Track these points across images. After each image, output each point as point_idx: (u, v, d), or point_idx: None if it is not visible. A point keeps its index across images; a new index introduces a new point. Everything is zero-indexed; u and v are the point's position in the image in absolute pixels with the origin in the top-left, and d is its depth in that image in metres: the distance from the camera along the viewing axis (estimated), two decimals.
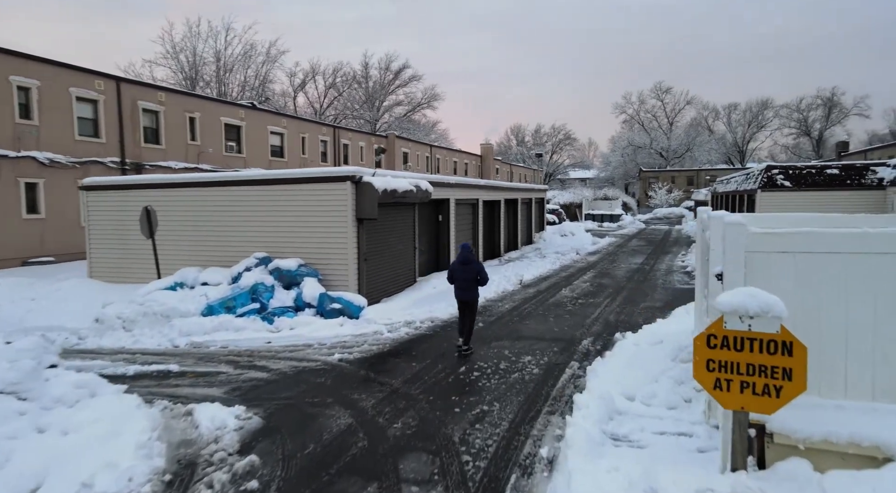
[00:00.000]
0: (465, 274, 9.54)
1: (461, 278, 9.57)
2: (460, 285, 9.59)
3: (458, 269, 9.63)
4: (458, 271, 9.62)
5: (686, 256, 23.38)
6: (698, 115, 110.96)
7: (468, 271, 9.55)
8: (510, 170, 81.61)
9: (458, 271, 9.62)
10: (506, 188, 25.53)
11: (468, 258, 9.59)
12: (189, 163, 25.60)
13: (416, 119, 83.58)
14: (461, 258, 9.63)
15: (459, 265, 9.61)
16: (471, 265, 9.56)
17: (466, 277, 9.54)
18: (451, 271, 9.78)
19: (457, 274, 9.64)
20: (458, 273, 9.61)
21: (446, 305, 13.16)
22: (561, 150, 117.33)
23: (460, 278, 9.59)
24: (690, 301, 13.01)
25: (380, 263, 13.80)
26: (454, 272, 9.68)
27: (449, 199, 18.81)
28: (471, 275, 9.52)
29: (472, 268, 9.56)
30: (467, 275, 9.54)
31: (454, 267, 9.70)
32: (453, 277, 9.70)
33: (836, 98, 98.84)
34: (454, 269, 9.69)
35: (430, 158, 54.91)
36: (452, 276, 9.72)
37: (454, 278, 9.68)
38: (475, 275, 9.53)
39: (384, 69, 76.13)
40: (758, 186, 22.26)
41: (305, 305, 11.76)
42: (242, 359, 9.30)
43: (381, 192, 12.85)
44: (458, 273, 9.61)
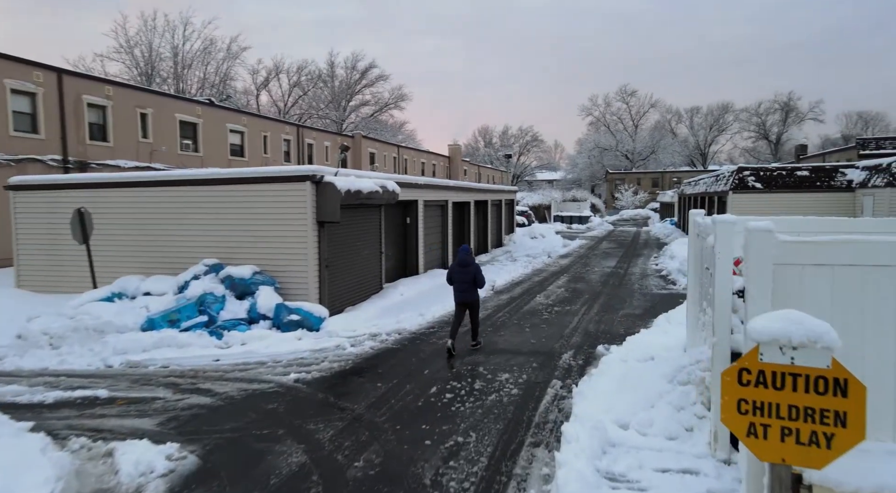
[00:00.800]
0: (464, 276, 9.60)
1: (460, 280, 9.64)
2: (460, 287, 9.66)
3: (457, 271, 9.70)
4: (457, 273, 9.69)
5: (658, 258, 23.02)
6: (662, 118, 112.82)
7: (467, 273, 9.60)
8: (478, 171, 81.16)
9: (457, 272, 9.69)
10: (476, 190, 24.78)
11: (466, 260, 9.66)
12: (140, 162, 24.05)
13: (384, 120, 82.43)
14: (460, 260, 9.72)
15: (458, 267, 9.69)
16: (469, 267, 9.62)
17: (465, 278, 9.59)
18: (450, 273, 9.90)
19: (456, 276, 9.72)
20: (457, 275, 9.67)
21: (414, 314, 12.28)
22: (528, 151, 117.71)
23: (459, 280, 9.65)
24: (671, 308, 12.44)
25: (343, 269, 12.83)
26: (453, 274, 9.78)
27: (417, 200, 17.92)
28: (469, 277, 9.59)
29: (470, 270, 9.61)
30: (466, 277, 9.60)
31: (453, 269, 9.81)
32: (452, 278, 9.78)
33: (792, 103, 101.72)
34: (453, 270, 9.79)
35: (398, 158, 53.89)
36: (451, 278, 9.81)
37: (453, 280, 9.76)
38: (473, 277, 9.59)
39: (350, 68, 74.80)
40: (729, 188, 22.04)
41: (260, 317, 10.71)
42: (184, 381, 8.22)
43: (345, 193, 11.88)
44: (457, 275, 9.67)
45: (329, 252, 12.14)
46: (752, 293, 3.86)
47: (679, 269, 17.44)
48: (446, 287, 15.84)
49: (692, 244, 7.48)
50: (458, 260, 9.80)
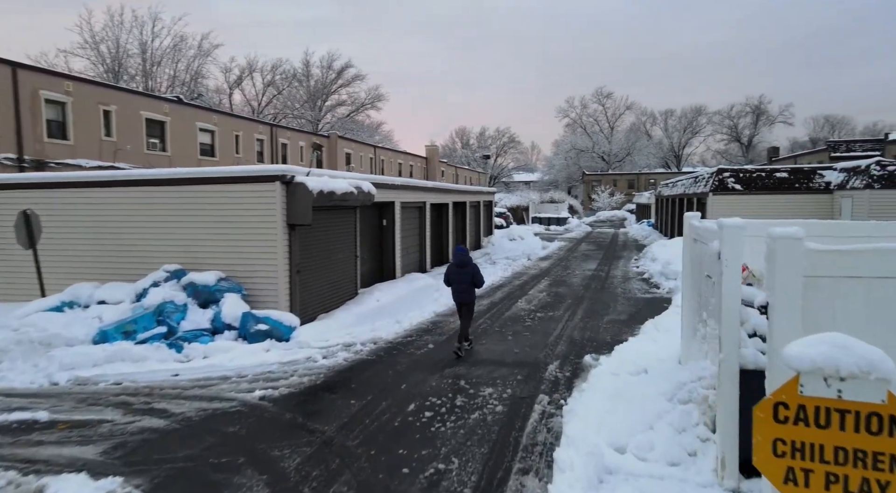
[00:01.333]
0: (462, 276, 9.54)
1: (457, 280, 9.59)
2: (457, 287, 9.61)
3: (454, 271, 9.64)
4: (454, 274, 9.63)
5: (639, 261, 22.76)
6: (637, 120, 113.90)
7: (464, 274, 9.55)
8: (455, 172, 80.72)
9: (454, 273, 9.63)
10: (454, 191, 24.24)
11: (464, 260, 9.61)
12: (103, 161, 22.95)
13: (360, 120, 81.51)
14: (457, 261, 9.66)
15: (456, 267, 9.62)
16: (467, 267, 9.56)
17: (463, 279, 9.53)
18: (447, 274, 9.80)
19: (453, 277, 9.66)
20: (455, 276, 9.61)
21: (391, 321, 11.68)
22: (505, 153, 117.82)
23: (457, 281, 9.59)
24: (656, 313, 12.06)
25: (316, 274, 12.15)
26: (451, 275, 9.70)
27: (394, 202, 17.30)
28: (467, 277, 9.53)
29: (468, 270, 9.55)
30: (464, 277, 9.54)
31: (451, 270, 9.72)
32: (450, 279, 9.71)
33: (763, 106, 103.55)
34: (451, 271, 9.71)
35: (374, 159, 53.11)
36: (449, 278, 9.73)
37: (450, 280, 9.68)
38: (471, 277, 9.53)
39: (326, 68, 73.73)
40: (709, 189, 21.89)
41: (225, 327, 9.98)
42: (137, 400, 7.49)
43: (317, 194, 11.22)
44: (455, 276, 9.61)
45: (300, 257, 11.46)
46: (778, 310, 3.36)
47: (661, 272, 17.14)
48: (424, 292, 15.32)
49: (687, 249, 7.03)
50: (455, 260, 9.71)
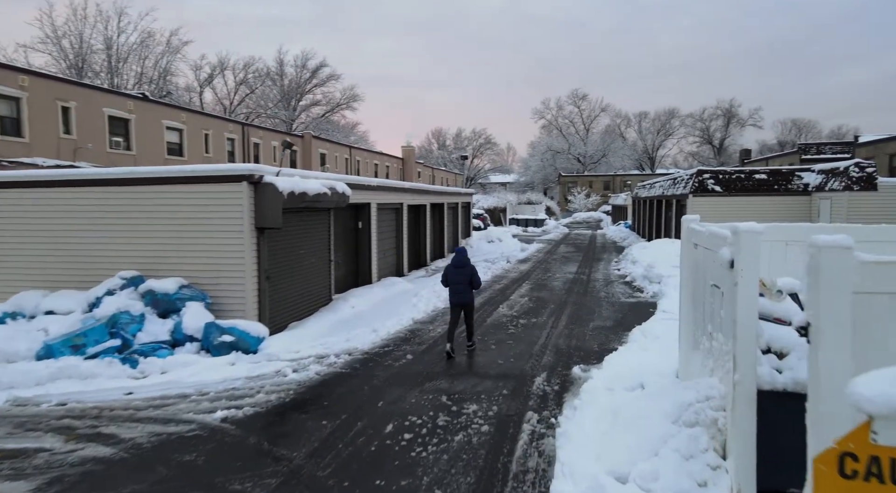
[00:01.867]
0: (460, 277, 9.60)
1: (456, 281, 9.62)
2: (455, 288, 9.63)
3: (452, 272, 9.69)
4: (452, 275, 9.68)
5: (619, 263, 22.47)
6: (612, 122, 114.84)
7: (463, 274, 9.62)
8: (432, 173, 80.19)
9: (452, 274, 9.68)
10: (432, 192, 23.67)
11: (462, 261, 9.70)
12: (62, 160, 21.77)
13: (335, 120, 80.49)
14: (455, 262, 9.74)
15: (454, 269, 9.69)
16: (465, 268, 9.65)
17: (461, 280, 9.60)
18: (445, 275, 9.85)
19: (451, 277, 9.70)
20: (453, 276, 9.66)
21: (367, 330, 11.04)
22: (482, 154, 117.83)
23: (455, 282, 9.63)
24: (643, 319, 11.64)
25: (286, 280, 11.44)
26: (448, 275, 9.75)
27: (370, 203, 16.65)
28: (465, 278, 9.60)
29: (466, 271, 9.64)
30: (462, 278, 9.61)
31: (449, 271, 9.78)
32: (447, 280, 9.76)
33: (733, 109, 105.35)
34: (449, 272, 9.77)
35: (350, 160, 52.24)
36: (447, 279, 9.78)
37: (448, 281, 9.73)
38: (469, 278, 9.62)
39: (300, 67, 72.57)
40: (689, 191, 21.72)
41: (186, 338, 9.24)
42: (83, 424, 6.74)
43: (287, 195, 10.53)
44: (453, 276, 9.66)
45: (270, 262, 10.75)
46: (824, 332, 2.86)
47: (644, 275, 16.81)
48: (402, 298, 14.69)
49: (686, 255, 6.56)
50: (453, 261, 9.80)
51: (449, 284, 9.75)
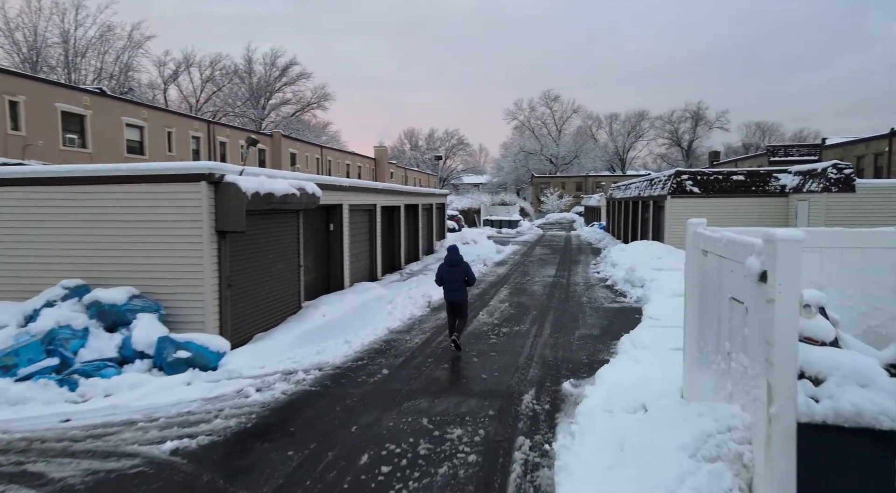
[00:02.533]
0: (454, 275, 9.79)
1: (450, 279, 9.81)
2: (450, 286, 9.83)
3: (446, 271, 9.88)
4: (446, 273, 9.87)
5: (598, 266, 22.07)
6: (584, 123, 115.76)
7: (456, 273, 9.82)
8: (405, 174, 79.38)
9: (446, 272, 9.87)
10: (407, 193, 22.92)
11: (456, 260, 9.87)
12: (9, 158, 20.32)
13: (306, 120, 79.08)
14: (449, 260, 9.91)
15: (448, 267, 9.87)
16: (459, 267, 9.84)
17: (455, 277, 9.78)
18: (439, 274, 10.02)
19: (445, 276, 9.89)
20: (447, 275, 9.85)
21: (339, 341, 10.26)
22: (454, 155, 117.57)
23: (449, 280, 9.82)
24: (630, 327, 11.12)
25: (251, 288, 10.57)
26: (443, 274, 9.94)
27: (342, 204, 15.84)
28: (459, 276, 9.81)
29: (460, 269, 9.85)
30: (456, 276, 9.80)
31: (443, 270, 9.95)
32: (442, 279, 9.93)
33: (701, 112, 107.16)
34: (443, 271, 9.95)
35: (321, 160, 51.10)
36: (441, 278, 9.96)
37: (443, 280, 9.92)
38: (463, 276, 9.82)
39: (270, 65, 71.01)
40: (667, 192, 21.44)
41: (137, 355, 8.33)
42: (6, 459, 5.83)
43: (252, 195, 9.68)
44: (447, 275, 9.85)
45: (232, 268, 9.88)
46: None
47: (626, 279, 16.36)
48: (376, 304, 13.91)
49: (692, 263, 5.98)
50: (446, 260, 9.95)
51: (444, 282, 9.91)
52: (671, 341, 9.52)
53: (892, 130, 34.27)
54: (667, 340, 9.64)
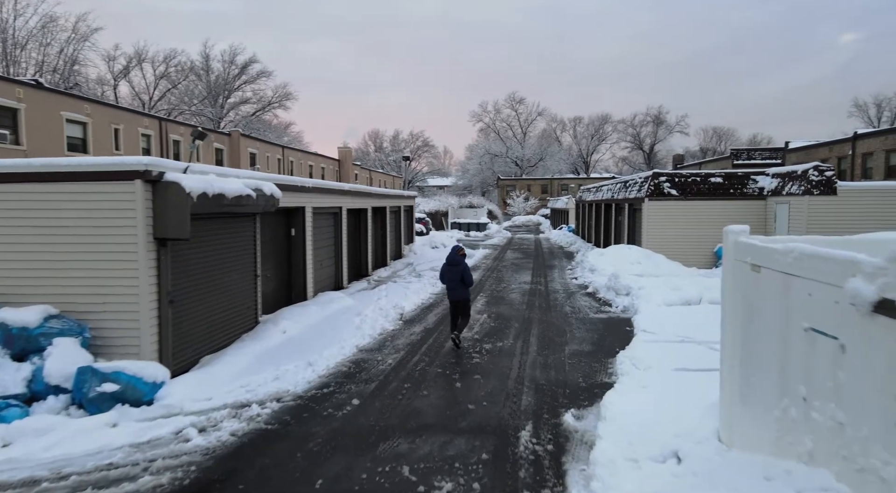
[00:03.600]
0: (453, 275, 10.12)
1: (450, 278, 10.17)
2: (450, 285, 10.23)
3: (447, 270, 10.28)
4: (447, 272, 10.26)
5: (574, 271, 21.23)
6: (548, 126, 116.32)
7: (455, 273, 10.13)
8: (370, 176, 77.81)
9: (447, 272, 10.27)
10: (374, 195, 21.63)
11: (456, 260, 10.20)
12: None
13: (267, 120, 76.74)
14: (450, 260, 10.26)
15: (448, 267, 10.25)
16: (458, 267, 10.14)
17: (455, 277, 10.10)
18: (442, 272, 10.44)
19: (447, 275, 10.27)
20: (448, 274, 10.22)
21: (301, 363, 8.97)
22: (419, 157, 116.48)
23: (449, 279, 10.18)
24: (623, 342, 10.15)
25: (197, 304, 9.16)
26: (444, 273, 10.36)
27: (304, 207, 14.48)
28: (458, 276, 10.10)
29: (458, 270, 10.14)
30: (455, 276, 10.12)
31: (444, 269, 10.37)
32: (444, 277, 10.33)
33: (662, 116, 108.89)
34: (445, 270, 10.36)
35: (283, 160, 49.19)
36: (443, 276, 10.35)
37: (444, 278, 10.33)
38: (461, 276, 10.09)
39: (228, 63, 68.53)
40: (645, 195, 20.74)
41: (51, 390, 6.87)
42: None
43: (199, 197, 8.32)
44: (448, 274, 10.22)
45: (175, 281, 8.47)
46: None
47: (608, 286, 15.47)
48: (342, 318, 12.60)
49: (734, 279, 4.95)
50: (448, 260, 10.29)
51: (445, 281, 10.30)
52: (673, 360, 8.59)
53: (855, 133, 34.72)
54: (668, 358, 8.71)
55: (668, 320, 11.34)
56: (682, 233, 20.43)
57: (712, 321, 11.32)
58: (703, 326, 10.84)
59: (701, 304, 12.61)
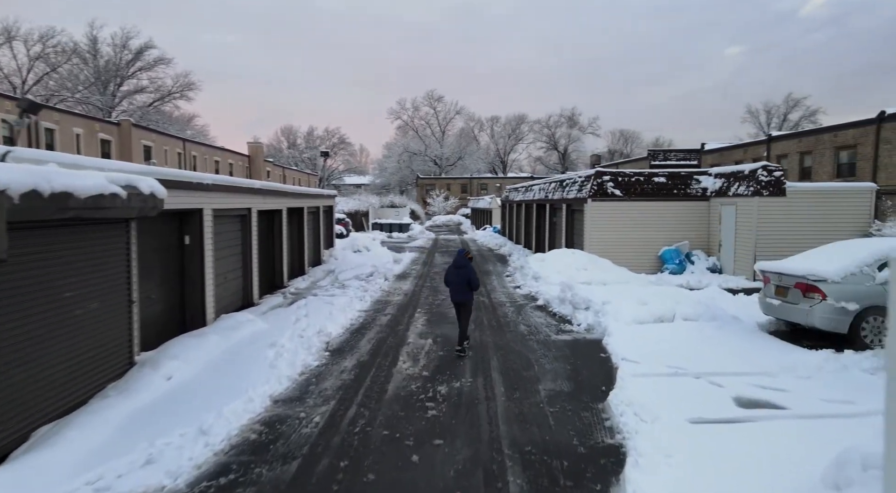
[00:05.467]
0: (458, 278, 10.01)
1: (455, 281, 10.06)
2: (455, 288, 10.09)
3: (452, 272, 10.15)
4: (452, 275, 10.13)
5: (513, 276, 19.51)
6: (466, 125, 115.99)
7: (460, 276, 9.99)
8: (283, 173, 73.35)
9: (453, 274, 10.13)
10: (291, 194, 18.82)
11: (461, 263, 10.09)
12: None
13: (168, 111, 70.31)
14: (456, 263, 10.16)
15: (454, 269, 10.13)
16: (463, 270, 10.00)
17: (460, 280, 9.98)
18: (447, 275, 10.33)
19: (451, 278, 10.16)
20: (453, 277, 10.10)
21: (190, 430, 6.41)
22: (336, 154, 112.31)
23: (454, 282, 10.07)
24: (606, 377, 8.34)
25: (28, 350, 6.31)
26: (449, 276, 10.24)
27: (202, 209, 11.66)
28: (463, 279, 9.98)
29: (464, 272, 9.99)
30: (460, 279, 10.00)
31: (449, 271, 10.26)
32: (448, 280, 10.21)
33: (575, 117, 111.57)
34: (449, 272, 10.25)
35: (184, 155, 44.49)
36: (448, 279, 10.23)
37: (449, 281, 10.20)
38: (466, 280, 9.97)
39: (120, 47, 61.96)
40: (588, 195, 19.38)
41: None
42: None
43: (21, 197, 5.58)
44: (453, 277, 10.10)
45: None
46: None
47: (561, 298, 13.76)
48: (251, 350, 9.89)
49: None
50: (454, 262, 10.21)
51: (449, 284, 10.19)
52: (680, 404, 6.83)
53: (769, 135, 35.70)
54: (673, 401, 6.96)
55: (645, 344, 9.69)
56: (626, 236, 19.26)
57: (697, 345, 9.78)
58: (688, 350, 9.26)
59: (675, 321, 11.10)
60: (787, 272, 9.83)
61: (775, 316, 10.33)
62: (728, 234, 18.15)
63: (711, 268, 18.44)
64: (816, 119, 77.15)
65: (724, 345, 9.55)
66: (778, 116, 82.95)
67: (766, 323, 11.02)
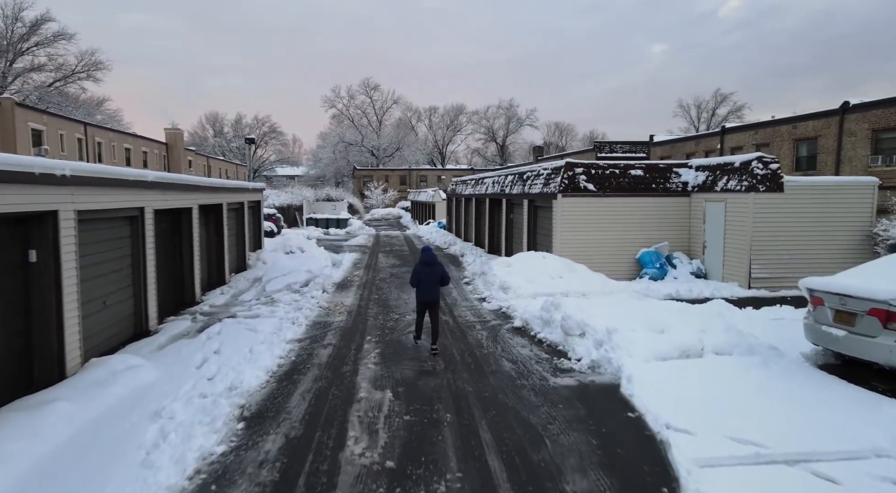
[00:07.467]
0: (431, 275, 9.79)
1: (427, 279, 9.80)
2: (426, 287, 9.81)
3: (424, 270, 9.83)
4: (424, 273, 9.81)
5: (473, 284, 16.80)
6: (404, 115, 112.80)
7: (433, 274, 9.81)
8: (207, 163, 67.65)
9: (424, 272, 9.82)
10: (204, 188, 15.24)
11: (432, 260, 9.86)
12: None
13: (72, 93, 63.04)
14: (425, 259, 9.87)
15: (424, 266, 9.85)
16: (435, 267, 9.86)
17: (432, 278, 9.79)
18: (416, 274, 9.92)
19: (423, 276, 9.83)
20: (425, 275, 9.80)
21: None
22: (266, 144, 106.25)
23: (426, 280, 9.80)
24: (658, 464, 5.73)
25: None
26: (420, 274, 9.86)
27: (57, 211, 8.18)
28: (436, 276, 9.81)
29: (437, 269, 9.86)
30: (433, 276, 9.81)
31: (419, 269, 9.88)
32: (419, 279, 9.85)
33: (513, 109, 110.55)
34: (420, 270, 9.87)
35: (86, 141, 38.99)
36: (419, 278, 9.87)
37: (420, 280, 9.85)
38: (438, 276, 9.83)
39: (12, 18, 54.68)
40: (558, 190, 16.90)
41: None
42: None
43: None
44: (425, 275, 9.80)
45: None
46: None
47: (545, 319, 11.12)
48: (125, 424, 6.45)
49: None
50: (423, 259, 9.89)
51: (420, 283, 9.81)
52: None
53: (722, 127, 34.71)
54: None
55: (684, 397, 7.16)
56: (601, 237, 16.94)
57: (751, 397, 6.91)
58: (745, 408, 6.77)
59: (704, 355, 8.67)
60: (858, 294, 7.54)
61: (836, 349, 8.07)
62: (715, 234, 16.15)
63: (696, 273, 16.42)
64: (742, 115, 79.39)
65: (786, 397, 7.16)
66: (707, 111, 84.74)
67: (811, 354, 8.79)
